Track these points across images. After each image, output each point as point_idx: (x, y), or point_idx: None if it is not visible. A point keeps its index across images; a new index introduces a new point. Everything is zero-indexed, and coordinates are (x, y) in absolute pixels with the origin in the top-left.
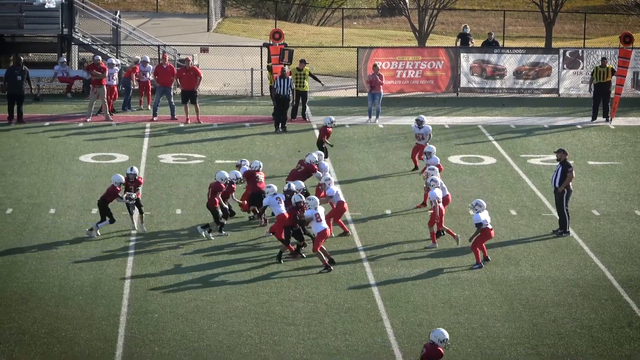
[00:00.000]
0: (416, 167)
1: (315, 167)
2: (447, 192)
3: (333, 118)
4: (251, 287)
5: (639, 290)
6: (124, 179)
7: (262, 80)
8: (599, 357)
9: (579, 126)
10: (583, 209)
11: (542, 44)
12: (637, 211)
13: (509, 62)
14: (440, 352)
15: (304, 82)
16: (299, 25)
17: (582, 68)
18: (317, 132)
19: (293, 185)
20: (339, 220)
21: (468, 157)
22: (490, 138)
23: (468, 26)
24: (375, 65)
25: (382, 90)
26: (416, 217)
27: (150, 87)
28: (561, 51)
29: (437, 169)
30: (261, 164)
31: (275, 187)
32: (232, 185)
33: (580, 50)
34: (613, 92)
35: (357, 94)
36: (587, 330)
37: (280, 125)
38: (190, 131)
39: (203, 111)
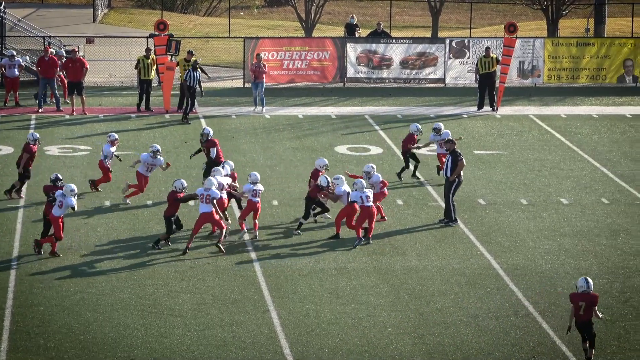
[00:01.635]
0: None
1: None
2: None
3: (419, 126)
4: (137, 279)
5: (525, 278)
6: None
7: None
8: (485, 346)
9: (465, 115)
10: (469, 198)
11: (428, 34)
12: (522, 200)
13: (396, 52)
14: None
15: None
16: (185, 15)
17: (468, 58)
18: (204, 122)
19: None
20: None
21: (355, 147)
22: (377, 128)
23: (355, 16)
24: (258, 55)
25: (264, 79)
26: (302, 209)
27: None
28: (447, 41)
29: (343, 178)
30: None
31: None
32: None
33: (466, 40)
34: (498, 81)
35: (244, 85)
36: (473, 319)
37: (185, 115)
38: (76, 123)
39: (89, 102)
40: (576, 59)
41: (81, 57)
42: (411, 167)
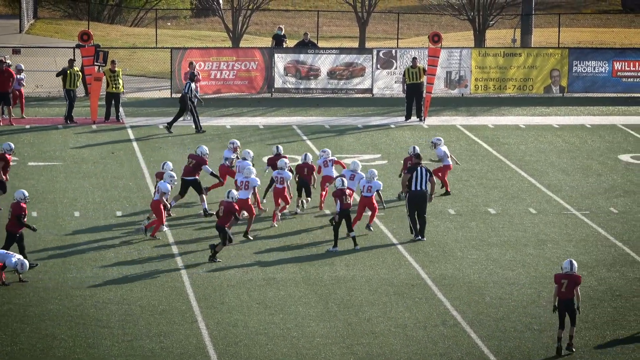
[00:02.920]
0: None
1: (206, 159)
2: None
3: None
4: (64, 290)
5: (453, 288)
6: None
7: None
8: (413, 356)
9: (392, 126)
10: (397, 208)
11: (356, 45)
12: (450, 210)
13: (324, 63)
14: None
15: (117, 83)
16: (112, 26)
17: (396, 68)
18: (130, 132)
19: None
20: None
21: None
22: (305, 138)
23: (282, 27)
24: (191, 63)
25: (199, 88)
26: None
27: None
28: (375, 51)
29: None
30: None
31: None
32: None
33: (393, 51)
34: (425, 91)
35: (172, 95)
36: (402, 329)
37: (170, 126)
38: (2, 133)
39: (16, 112)
40: (503, 69)
41: (8, 68)
42: None
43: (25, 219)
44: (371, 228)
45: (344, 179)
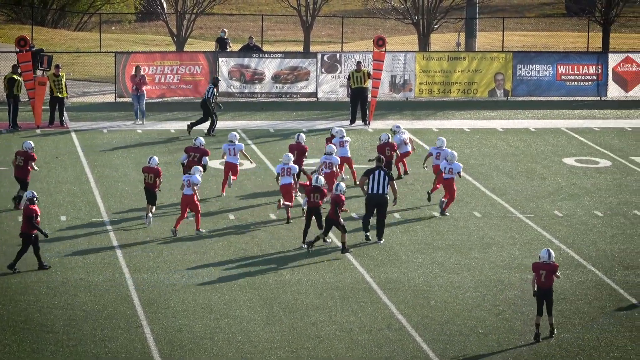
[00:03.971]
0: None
1: (206, 149)
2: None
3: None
4: (8, 295)
5: (398, 292)
6: None
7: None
8: None
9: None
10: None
11: (300, 49)
12: (395, 214)
13: (268, 67)
14: None
15: (61, 88)
16: (56, 30)
17: (340, 72)
18: (74, 136)
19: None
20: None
21: None
22: (250, 142)
23: (226, 30)
24: (137, 67)
25: (145, 91)
26: (173, 221)
27: None
28: (319, 55)
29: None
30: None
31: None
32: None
33: (338, 55)
34: (370, 95)
35: (116, 99)
36: (347, 333)
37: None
38: None
39: None
40: (447, 73)
41: None
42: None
43: (39, 220)
44: (446, 213)
45: (320, 176)
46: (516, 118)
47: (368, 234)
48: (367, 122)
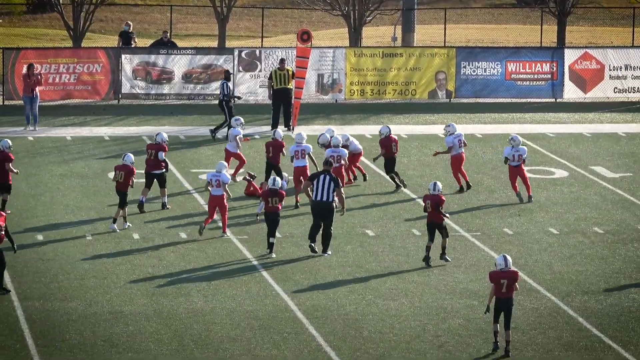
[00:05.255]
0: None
1: (165, 146)
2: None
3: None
4: None
5: (326, 321)
6: None
7: None
8: None
9: (257, 136)
10: (262, 229)
11: (215, 44)
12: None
13: (178, 65)
14: None
15: None
16: None
17: (260, 70)
18: None
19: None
20: None
21: None
22: None
23: (130, 23)
24: (31, 65)
25: (38, 93)
26: (72, 245)
27: None
28: (236, 52)
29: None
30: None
31: None
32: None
33: (257, 51)
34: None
35: (4, 102)
36: None
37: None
38: None
39: None
40: (382, 71)
41: None
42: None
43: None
44: (531, 199)
45: (279, 178)
46: (460, 122)
47: (313, 244)
48: (291, 127)
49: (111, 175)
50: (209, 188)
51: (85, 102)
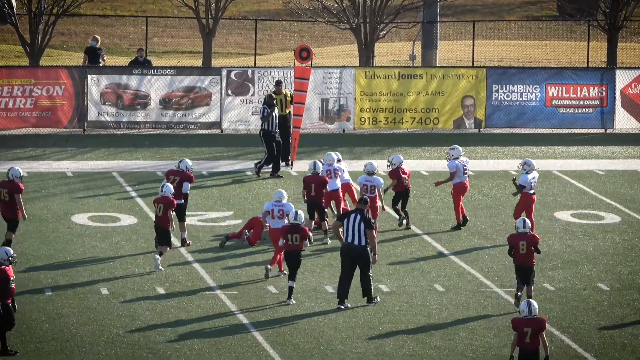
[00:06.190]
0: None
1: (192, 175)
2: None
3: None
4: None
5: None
6: None
7: None
8: None
9: (249, 173)
10: (251, 285)
11: (199, 62)
12: (327, 286)
13: (155, 87)
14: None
15: None
16: None
17: (253, 94)
18: None
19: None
20: None
21: (99, 216)
22: (129, 189)
23: (98, 37)
24: None
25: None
26: (28, 302)
27: None
28: (224, 72)
29: None
30: None
31: None
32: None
33: (249, 71)
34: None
35: None
36: None
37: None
38: None
39: None
40: (398, 96)
41: None
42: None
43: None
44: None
45: (301, 212)
46: (491, 157)
47: (342, 306)
48: (290, 162)
49: (75, 218)
50: (268, 220)
51: (44, 131)
